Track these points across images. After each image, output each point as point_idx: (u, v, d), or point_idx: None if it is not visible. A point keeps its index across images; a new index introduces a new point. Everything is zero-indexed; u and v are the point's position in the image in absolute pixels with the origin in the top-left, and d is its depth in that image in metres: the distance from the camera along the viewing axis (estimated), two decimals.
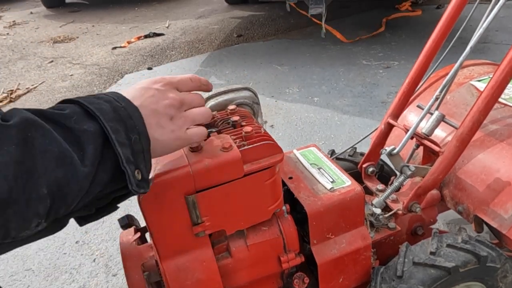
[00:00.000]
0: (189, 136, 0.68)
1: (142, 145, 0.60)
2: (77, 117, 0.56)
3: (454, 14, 1.10)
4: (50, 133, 0.52)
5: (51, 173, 0.51)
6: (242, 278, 0.88)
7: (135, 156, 0.59)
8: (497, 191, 1.02)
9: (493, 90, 0.93)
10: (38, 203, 0.51)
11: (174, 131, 0.66)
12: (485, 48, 3.27)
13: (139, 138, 0.60)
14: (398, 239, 1.06)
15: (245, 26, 4.72)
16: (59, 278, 1.60)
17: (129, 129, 0.58)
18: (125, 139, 0.57)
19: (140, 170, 0.60)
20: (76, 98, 0.59)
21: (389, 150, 1.05)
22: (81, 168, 0.54)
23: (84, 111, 0.57)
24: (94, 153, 0.55)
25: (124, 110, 0.59)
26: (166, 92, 0.67)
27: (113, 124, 0.57)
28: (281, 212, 0.89)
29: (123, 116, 0.58)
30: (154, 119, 0.63)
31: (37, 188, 0.50)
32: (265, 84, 3.15)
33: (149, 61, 3.98)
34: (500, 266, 0.93)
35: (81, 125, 0.55)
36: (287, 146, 2.27)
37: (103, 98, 0.60)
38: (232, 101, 0.99)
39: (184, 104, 0.68)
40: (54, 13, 6.55)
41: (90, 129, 0.55)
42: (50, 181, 0.51)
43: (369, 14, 4.62)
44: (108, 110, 0.58)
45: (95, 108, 0.57)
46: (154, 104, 0.64)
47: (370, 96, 2.77)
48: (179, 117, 0.67)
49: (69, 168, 0.53)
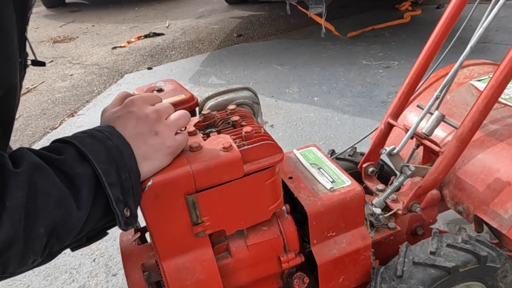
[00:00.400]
0: (179, 142, 0.70)
1: (132, 182, 0.63)
2: (72, 161, 0.59)
3: (454, 14, 1.10)
4: (52, 176, 0.56)
5: (50, 215, 0.55)
6: (242, 278, 0.88)
7: (124, 194, 0.62)
8: (497, 191, 1.02)
9: (493, 90, 0.93)
10: (35, 241, 0.54)
11: (163, 143, 0.68)
12: (485, 48, 3.27)
13: (129, 176, 0.62)
14: (398, 239, 1.06)
15: (245, 26, 4.72)
16: (59, 278, 1.61)
17: (120, 168, 0.61)
18: (115, 178, 0.60)
19: (129, 207, 0.63)
20: (71, 137, 0.62)
21: (389, 150, 1.05)
22: (76, 211, 0.57)
23: (78, 153, 0.60)
24: (88, 196, 0.58)
25: (116, 148, 0.62)
26: (142, 110, 0.68)
27: (105, 166, 0.59)
28: (281, 212, 0.89)
29: (115, 156, 0.61)
30: (142, 144, 0.65)
31: (36, 228, 0.54)
32: (265, 84, 3.15)
33: (149, 61, 3.98)
34: (500, 266, 0.93)
35: (76, 169, 0.58)
36: (287, 146, 2.27)
37: (96, 137, 0.62)
38: (232, 101, 0.99)
39: (161, 113, 0.69)
40: (54, 13, 6.55)
41: (84, 172, 0.58)
42: (48, 222, 0.55)
43: (369, 13, 4.62)
44: (101, 150, 0.60)
45: (88, 150, 0.59)
46: (136, 128, 0.66)
47: (370, 96, 2.77)
48: (163, 127, 0.68)
49: (66, 210, 0.56)
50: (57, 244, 0.58)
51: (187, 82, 3.31)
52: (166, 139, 0.68)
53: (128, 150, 0.63)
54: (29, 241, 0.53)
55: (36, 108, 3.22)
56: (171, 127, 0.69)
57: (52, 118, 3.04)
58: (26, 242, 0.53)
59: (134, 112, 0.67)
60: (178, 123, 0.71)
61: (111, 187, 0.60)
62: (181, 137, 0.71)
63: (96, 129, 0.64)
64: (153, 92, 1.07)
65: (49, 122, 2.98)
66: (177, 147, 0.70)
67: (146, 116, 0.67)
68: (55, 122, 2.97)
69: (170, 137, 0.68)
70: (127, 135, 0.65)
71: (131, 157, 0.63)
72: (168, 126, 0.69)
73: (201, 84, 3.29)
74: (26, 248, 0.53)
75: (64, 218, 0.56)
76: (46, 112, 3.13)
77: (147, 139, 0.66)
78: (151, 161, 0.67)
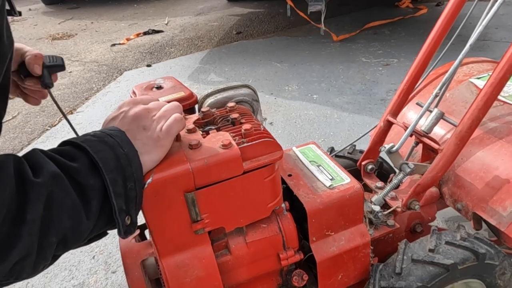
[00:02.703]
0: (166, 130, 0.70)
1: (136, 191, 0.65)
2: (86, 171, 0.60)
3: (454, 11, 1.10)
4: (67, 187, 0.57)
5: (62, 224, 0.56)
6: (242, 275, 0.89)
7: (127, 204, 0.63)
8: (496, 189, 1.02)
9: (492, 88, 0.93)
10: (47, 249, 0.56)
11: (151, 136, 0.68)
12: (484, 45, 3.26)
13: (134, 186, 0.64)
14: (397, 236, 1.07)
15: (245, 23, 4.71)
16: (58, 275, 1.61)
17: (127, 177, 0.62)
18: (121, 188, 0.62)
19: (130, 215, 0.64)
20: (83, 141, 0.62)
21: (388, 147, 1.05)
22: (85, 220, 0.59)
23: (90, 161, 0.61)
24: (96, 207, 0.60)
25: (126, 157, 0.63)
26: (132, 108, 0.70)
27: (113, 175, 0.60)
28: (281, 209, 0.89)
29: (124, 165, 0.62)
30: (132, 141, 0.66)
31: (49, 237, 0.55)
32: (265, 81, 3.15)
33: (148, 58, 3.97)
34: (498, 263, 0.94)
35: (88, 180, 0.59)
36: (286, 143, 2.27)
37: (108, 143, 0.62)
38: (231, 99, 0.99)
39: (150, 110, 0.71)
40: (53, 10, 6.53)
41: (95, 184, 0.60)
42: (60, 232, 0.56)
43: (368, 11, 4.61)
44: (111, 159, 0.61)
45: (99, 158, 0.60)
46: (126, 125, 0.68)
47: (369, 94, 2.77)
48: (150, 121, 0.70)
49: (76, 220, 0.58)
50: (64, 250, 0.60)
51: (186, 80, 3.31)
52: (153, 132, 0.69)
53: (136, 158, 0.65)
54: (42, 250, 0.55)
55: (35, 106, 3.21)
56: (158, 120, 0.70)
57: (51, 115, 3.03)
58: (39, 251, 0.54)
59: (124, 111, 0.70)
60: (166, 115, 0.71)
61: (117, 197, 0.61)
62: (167, 125, 0.70)
63: (107, 133, 0.64)
64: (152, 89, 1.07)
65: (48, 119, 2.98)
66: (166, 136, 0.70)
67: (135, 113, 0.69)
68: (54, 119, 2.96)
69: (157, 129, 0.69)
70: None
71: (138, 166, 0.65)
72: (155, 120, 0.70)
73: (200, 81, 3.29)
74: (38, 256, 0.55)
75: (74, 228, 0.58)
76: (45, 109, 3.13)
77: (135, 135, 0.67)
78: (142, 156, 0.67)
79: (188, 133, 0.81)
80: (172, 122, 0.71)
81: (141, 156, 0.67)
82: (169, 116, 0.71)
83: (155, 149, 0.69)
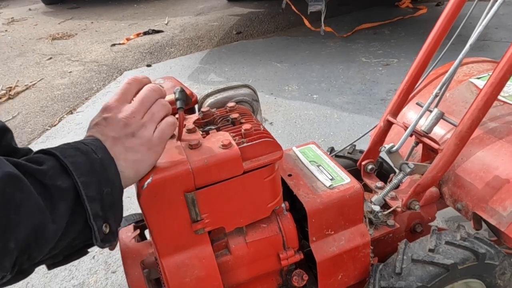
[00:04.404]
0: (159, 136, 0.69)
1: (114, 198, 0.61)
2: (52, 172, 0.56)
3: (454, 11, 1.10)
4: (27, 188, 0.53)
5: (21, 228, 0.51)
6: (242, 275, 0.89)
7: (104, 210, 0.60)
8: (496, 189, 1.02)
9: (492, 88, 0.93)
10: (4, 257, 0.50)
11: (142, 143, 0.66)
12: (484, 45, 3.26)
13: (111, 191, 0.60)
14: (397, 236, 1.07)
15: (245, 23, 4.71)
16: (58, 275, 1.61)
17: (102, 182, 0.59)
18: (96, 193, 0.58)
19: (108, 223, 0.61)
20: (55, 149, 0.59)
21: (388, 147, 1.05)
22: (51, 224, 0.54)
23: (60, 164, 0.57)
24: (65, 210, 0.56)
25: (100, 162, 0.60)
26: (116, 115, 0.66)
27: (85, 178, 0.57)
28: (281, 209, 0.89)
29: (98, 170, 0.59)
30: (122, 149, 0.64)
31: (5, 242, 0.50)
32: (265, 81, 3.15)
33: (148, 58, 3.97)
34: (498, 263, 0.94)
35: (55, 181, 0.56)
36: (286, 143, 2.27)
37: (81, 149, 0.60)
38: (231, 99, 0.99)
39: (136, 113, 0.68)
40: (52, 10, 6.53)
41: (63, 185, 0.56)
42: (19, 236, 0.51)
43: (369, 11, 4.61)
44: (83, 163, 0.58)
45: (70, 162, 0.57)
46: (113, 133, 0.64)
47: (369, 94, 2.77)
48: (138, 127, 0.67)
49: (39, 224, 0.53)
50: (28, 259, 0.55)
51: (186, 79, 3.31)
52: (143, 139, 0.67)
53: (113, 165, 0.62)
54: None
55: (35, 105, 3.21)
56: (147, 125, 0.68)
57: (51, 115, 3.03)
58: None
59: (109, 117, 0.66)
60: (154, 118, 0.70)
61: (90, 201, 0.58)
62: (161, 130, 0.69)
63: (82, 141, 0.62)
64: None
65: (48, 119, 2.98)
66: (159, 142, 0.69)
67: (119, 121, 0.66)
68: (54, 119, 2.96)
69: (146, 135, 0.67)
70: (106, 143, 0.64)
71: (115, 172, 0.62)
72: (144, 124, 0.68)
73: (200, 81, 3.29)
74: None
75: (37, 232, 0.53)
76: (45, 109, 3.13)
77: (124, 143, 0.65)
78: (135, 163, 0.66)
79: (188, 133, 0.81)
80: (165, 127, 0.70)
81: (136, 163, 0.65)
82: (157, 118, 0.70)
83: (148, 155, 0.68)
